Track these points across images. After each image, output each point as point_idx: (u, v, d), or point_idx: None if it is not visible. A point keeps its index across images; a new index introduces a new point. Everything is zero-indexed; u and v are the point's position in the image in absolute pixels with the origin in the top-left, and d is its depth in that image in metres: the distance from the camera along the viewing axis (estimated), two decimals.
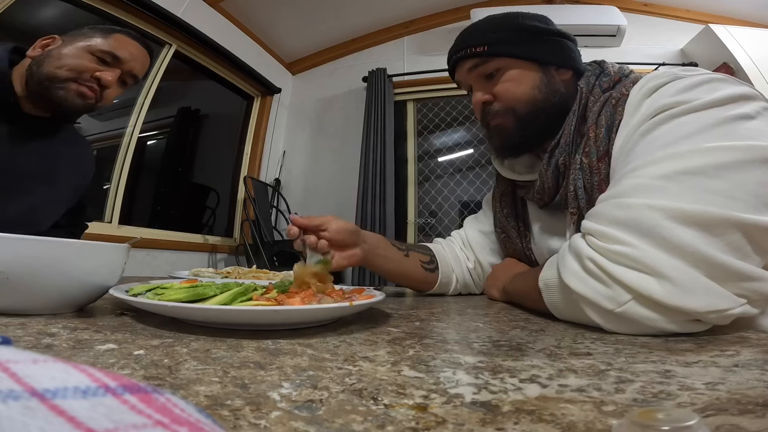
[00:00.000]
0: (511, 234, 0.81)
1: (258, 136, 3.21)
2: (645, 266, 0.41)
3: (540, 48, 0.68)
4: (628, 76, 0.64)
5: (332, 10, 2.99)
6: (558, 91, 0.67)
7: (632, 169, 0.48)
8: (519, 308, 0.64)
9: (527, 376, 0.27)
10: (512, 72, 0.68)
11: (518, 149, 0.72)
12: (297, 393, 0.23)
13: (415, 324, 0.47)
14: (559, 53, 0.69)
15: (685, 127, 0.46)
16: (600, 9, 2.74)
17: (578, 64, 0.70)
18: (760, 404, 0.22)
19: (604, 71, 0.67)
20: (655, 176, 0.45)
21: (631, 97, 0.57)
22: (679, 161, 0.44)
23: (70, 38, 0.83)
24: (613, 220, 0.45)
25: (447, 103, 3.13)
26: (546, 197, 0.70)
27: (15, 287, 0.39)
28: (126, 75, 0.86)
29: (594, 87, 0.65)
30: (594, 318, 0.44)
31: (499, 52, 0.68)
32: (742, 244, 0.40)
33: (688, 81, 0.50)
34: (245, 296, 0.45)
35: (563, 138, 0.65)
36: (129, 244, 0.50)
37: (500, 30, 0.70)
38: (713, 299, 0.39)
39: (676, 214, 0.41)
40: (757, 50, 2.46)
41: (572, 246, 0.48)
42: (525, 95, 0.67)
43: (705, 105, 0.47)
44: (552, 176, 0.67)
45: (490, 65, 0.69)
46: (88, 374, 0.12)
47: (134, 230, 2.32)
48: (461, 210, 2.97)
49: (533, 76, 0.67)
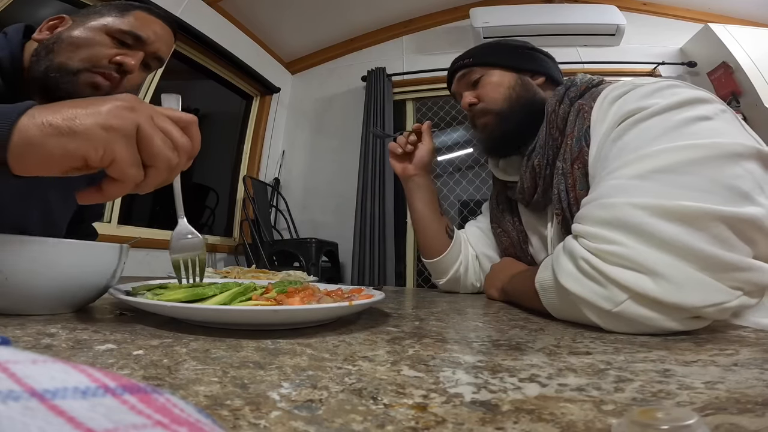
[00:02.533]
0: (507, 227, 0.86)
1: (257, 135, 3.21)
2: (638, 264, 0.41)
3: (515, 58, 0.81)
4: (597, 86, 0.69)
5: (331, 10, 2.99)
6: (531, 91, 0.78)
7: (609, 172, 0.50)
8: (518, 308, 0.64)
9: (527, 375, 0.27)
10: (492, 77, 0.80)
11: (503, 147, 0.80)
12: (296, 393, 0.23)
13: (414, 323, 0.47)
14: (532, 62, 0.81)
15: (651, 130, 0.49)
16: (599, 8, 2.74)
17: (552, 72, 0.81)
18: (759, 403, 0.22)
19: (574, 84, 0.73)
20: (630, 176, 0.47)
21: (596, 106, 0.61)
22: (650, 161, 0.46)
23: (81, 18, 0.71)
24: (599, 220, 0.46)
25: (446, 102, 3.12)
26: (527, 196, 0.76)
27: (14, 287, 0.39)
28: (150, 58, 0.73)
29: (564, 98, 0.71)
30: (592, 318, 0.44)
31: (481, 62, 0.82)
32: (727, 235, 0.41)
33: (648, 88, 0.54)
34: (244, 296, 0.45)
35: (538, 142, 0.72)
36: (128, 244, 0.50)
37: (483, 48, 0.87)
38: (709, 293, 0.40)
39: (658, 211, 0.42)
40: (757, 49, 2.46)
41: (566, 247, 0.49)
42: (502, 94, 0.78)
43: (666, 108, 0.50)
44: (530, 176, 0.74)
45: (474, 73, 0.82)
46: (88, 374, 0.12)
47: (134, 230, 2.32)
48: (460, 209, 2.97)
49: (509, 78, 0.79)
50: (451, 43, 3.04)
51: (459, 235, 0.94)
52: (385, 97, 2.99)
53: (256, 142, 3.20)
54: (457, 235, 0.94)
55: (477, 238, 0.95)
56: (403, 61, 3.18)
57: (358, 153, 2.96)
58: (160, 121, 0.38)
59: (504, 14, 2.75)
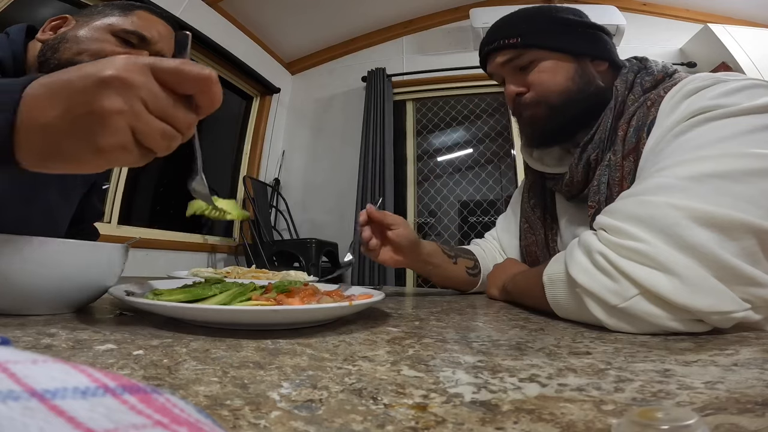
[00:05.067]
0: (535, 225, 0.81)
1: (257, 135, 3.21)
2: (656, 262, 0.41)
3: (574, 40, 0.68)
4: (671, 75, 0.63)
5: (331, 10, 2.99)
6: (593, 83, 0.67)
7: (659, 168, 0.48)
8: (518, 307, 0.64)
9: (527, 375, 0.27)
10: (546, 63, 0.68)
11: (550, 140, 0.72)
12: (296, 393, 0.22)
13: (414, 323, 0.47)
14: (594, 45, 0.69)
15: (720, 131, 0.46)
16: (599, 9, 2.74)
17: (614, 56, 0.70)
18: (759, 403, 0.22)
19: (647, 69, 0.65)
20: (681, 177, 0.44)
21: (668, 98, 0.56)
22: (708, 164, 0.44)
23: (85, 18, 0.71)
24: (632, 216, 0.45)
25: (446, 102, 3.13)
26: (574, 190, 0.70)
27: (14, 287, 0.39)
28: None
29: (634, 86, 0.64)
30: (596, 313, 0.44)
31: (532, 43, 0.68)
32: (756, 250, 0.40)
33: (730, 85, 0.50)
34: (244, 296, 0.45)
35: (598, 134, 0.64)
36: (128, 244, 0.50)
37: (533, 22, 0.70)
38: (719, 300, 0.39)
39: (696, 215, 0.41)
40: (756, 49, 2.46)
41: (582, 241, 0.48)
42: (559, 86, 0.67)
43: (743, 111, 0.46)
44: (582, 171, 0.66)
45: (524, 57, 0.69)
46: (88, 374, 0.12)
47: (133, 230, 2.32)
48: (460, 209, 2.97)
49: (567, 67, 0.67)
50: (451, 44, 3.04)
51: (486, 262, 0.88)
52: (385, 98, 2.99)
53: (256, 142, 3.20)
54: (484, 262, 0.88)
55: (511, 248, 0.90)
56: (403, 61, 3.19)
57: (358, 153, 2.96)
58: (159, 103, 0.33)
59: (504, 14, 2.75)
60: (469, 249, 0.92)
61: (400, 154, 3.13)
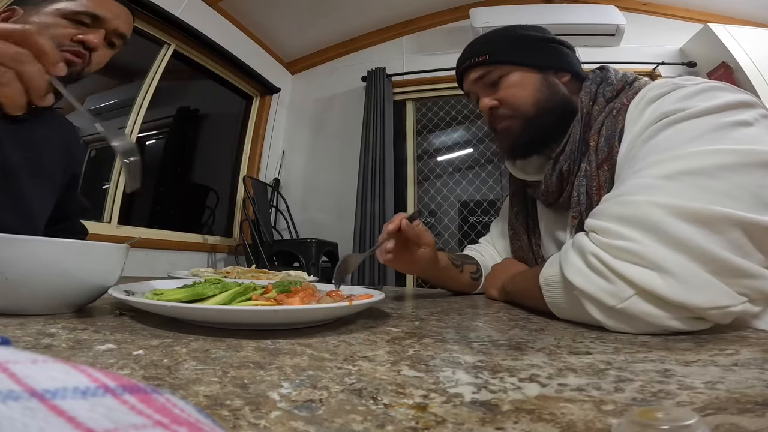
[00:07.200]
0: (519, 230, 0.85)
1: (257, 135, 3.21)
2: (648, 261, 0.41)
3: (537, 54, 0.73)
4: (631, 84, 0.67)
5: (331, 10, 2.99)
6: (559, 92, 0.72)
7: (635, 171, 0.49)
8: (518, 308, 0.64)
9: (527, 375, 0.27)
10: (513, 76, 0.72)
11: (526, 150, 0.75)
12: (296, 393, 0.23)
13: (414, 323, 0.47)
14: (556, 58, 0.74)
15: (686, 132, 0.48)
16: (599, 8, 2.74)
17: (576, 67, 0.75)
18: (759, 403, 0.22)
19: (607, 80, 0.69)
20: (657, 176, 0.46)
21: (632, 106, 0.59)
22: (681, 162, 0.45)
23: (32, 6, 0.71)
24: (617, 216, 0.45)
25: (446, 102, 3.13)
26: (550, 198, 0.74)
27: (14, 287, 0.39)
28: (112, 35, 0.75)
29: (597, 96, 0.68)
30: (595, 315, 0.44)
31: (499, 60, 0.73)
32: (743, 242, 0.41)
33: (688, 90, 0.52)
34: (244, 296, 0.45)
35: (568, 146, 0.68)
36: (128, 244, 0.50)
37: (499, 41, 0.76)
38: (715, 295, 0.40)
39: (678, 211, 0.42)
40: (756, 49, 2.46)
41: (576, 243, 0.49)
42: (529, 97, 0.71)
43: (704, 111, 0.48)
44: (556, 181, 0.70)
45: (493, 74, 0.74)
46: (88, 374, 0.12)
47: (133, 230, 2.32)
48: (460, 209, 2.97)
49: (533, 78, 0.72)
50: (451, 43, 3.04)
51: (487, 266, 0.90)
52: (385, 98, 2.99)
53: (256, 142, 3.20)
54: (485, 266, 0.90)
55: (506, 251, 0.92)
56: (403, 61, 3.18)
57: (358, 153, 2.96)
58: None
59: (504, 14, 2.75)
60: (470, 255, 0.94)
61: (400, 154, 3.13)
